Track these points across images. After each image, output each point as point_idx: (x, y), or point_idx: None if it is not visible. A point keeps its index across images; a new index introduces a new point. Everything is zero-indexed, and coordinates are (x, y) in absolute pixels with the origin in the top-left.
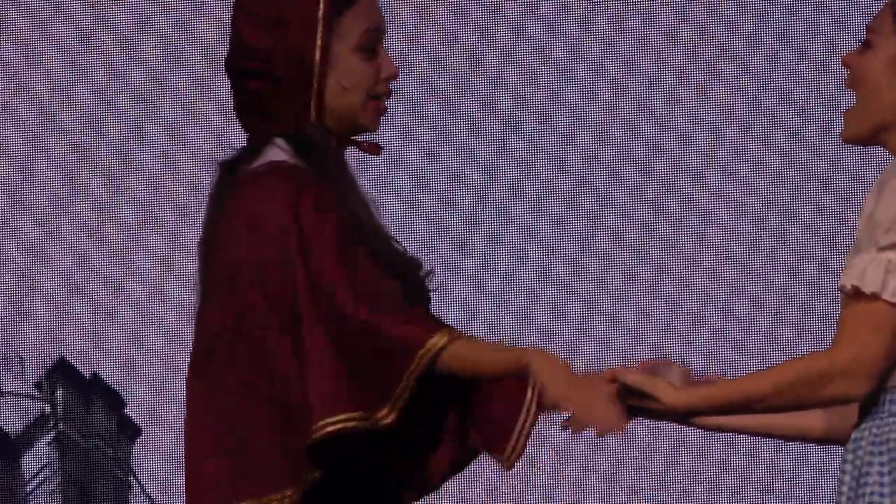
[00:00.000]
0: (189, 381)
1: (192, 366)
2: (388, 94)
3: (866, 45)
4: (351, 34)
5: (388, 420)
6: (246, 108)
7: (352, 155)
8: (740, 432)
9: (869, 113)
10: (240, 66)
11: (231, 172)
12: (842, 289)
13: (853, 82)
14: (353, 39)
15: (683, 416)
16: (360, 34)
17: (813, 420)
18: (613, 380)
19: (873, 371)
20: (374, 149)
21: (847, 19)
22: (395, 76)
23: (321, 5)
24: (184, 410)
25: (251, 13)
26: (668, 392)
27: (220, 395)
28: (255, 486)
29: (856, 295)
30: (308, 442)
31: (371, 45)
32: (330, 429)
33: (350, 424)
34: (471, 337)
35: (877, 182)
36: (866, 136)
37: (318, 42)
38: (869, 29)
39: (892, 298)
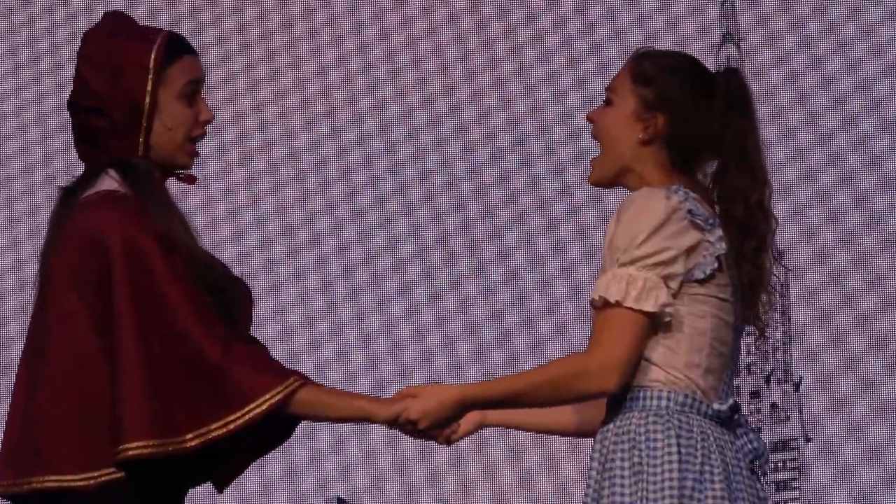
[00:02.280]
0: (18, 370)
1: (22, 358)
2: (203, 135)
3: (607, 102)
4: (175, 84)
5: (192, 445)
6: (84, 141)
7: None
8: (522, 429)
9: (611, 161)
10: (82, 105)
11: (70, 197)
12: (592, 303)
13: (597, 134)
14: (176, 89)
15: (461, 408)
16: (183, 85)
17: (569, 417)
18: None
19: (623, 368)
20: (190, 179)
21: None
22: (210, 120)
23: (152, 59)
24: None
25: (94, 61)
26: (441, 386)
27: (39, 386)
28: (53, 467)
29: (603, 305)
30: (115, 461)
31: (191, 94)
32: (132, 453)
33: (147, 451)
34: (315, 386)
35: (615, 213)
36: (610, 180)
37: (148, 89)
38: (609, 88)
39: (634, 305)
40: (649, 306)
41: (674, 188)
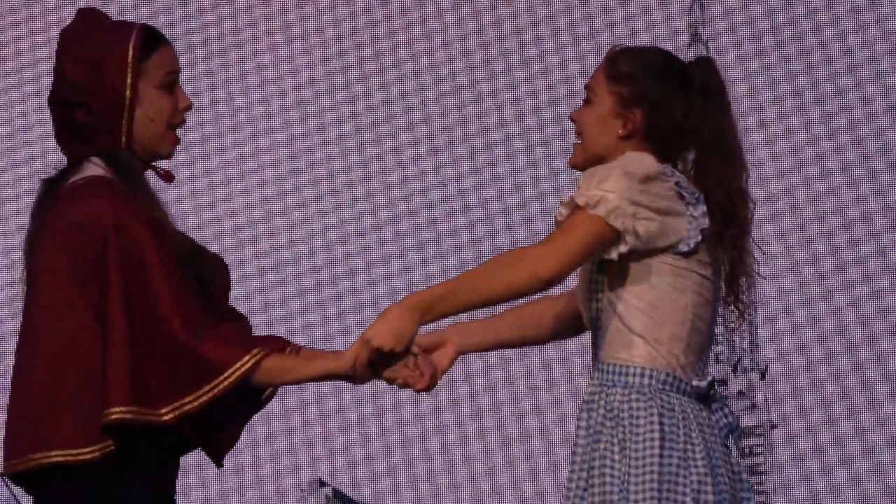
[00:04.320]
0: (16, 354)
1: (18, 344)
2: (183, 122)
3: (587, 101)
4: (154, 75)
5: (167, 418)
6: (66, 134)
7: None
8: (498, 346)
9: (590, 151)
10: (64, 99)
11: (52, 188)
12: (570, 201)
13: (579, 133)
14: (156, 79)
15: (416, 314)
16: (163, 75)
17: (539, 325)
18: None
19: (563, 259)
20: (168, 176)
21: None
22: (189, 108)
23: (131, 52)
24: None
25: (73, 56)
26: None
27: (36, 368)
28: (56, 443)
29: (571, 212)
30: (101, 424)
31: (169, 84)
32: (114, 417)
33: (129, 416)
34: (291, 349)
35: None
36: (588, 166)
37: (129, 81)
38: (588, 87)
39: (601, 213)
40: (617, 223)
41: (662, 165)
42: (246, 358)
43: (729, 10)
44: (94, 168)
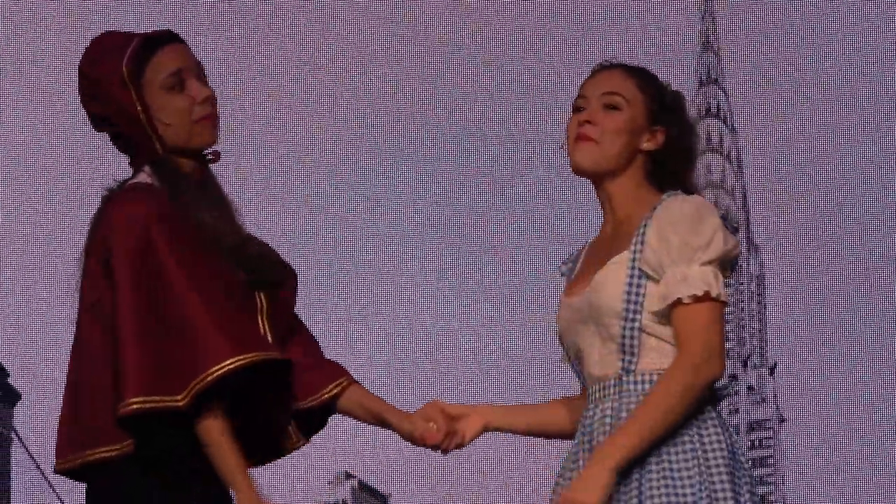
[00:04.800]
0: (70, 356)
1: (73, 345)
2: (209, 112)
3: (613, 106)
4: (154, 82)
5: (181, 404)
6: (121, 151)
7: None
8: (523, 433)
9: (607, 155)
10: (98, 129)
11: (111, 195)
12: (687, 298)
13: (599, 136)
14: (158, 86)
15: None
16: (163, 80)
17: (566, 418)
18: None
19: (724, 353)
20: (215, 156)
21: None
22: (208, 96)
23: (125, 72)
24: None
25: (87, 92)
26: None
27: (80, 364)
28: (94, 438)
29: (698, 300)
30: (116, 416)
31: (176, 83)
32: (134, 407)
33: (147, 406)
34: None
35: (658, 221)
36: (595, 170)
37: (134, 99)
38: (615, 93)
39: (723, 297)
40: (726, 296)
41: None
42: (241, 356)
43: (740, 20)
44: (142, 175)
